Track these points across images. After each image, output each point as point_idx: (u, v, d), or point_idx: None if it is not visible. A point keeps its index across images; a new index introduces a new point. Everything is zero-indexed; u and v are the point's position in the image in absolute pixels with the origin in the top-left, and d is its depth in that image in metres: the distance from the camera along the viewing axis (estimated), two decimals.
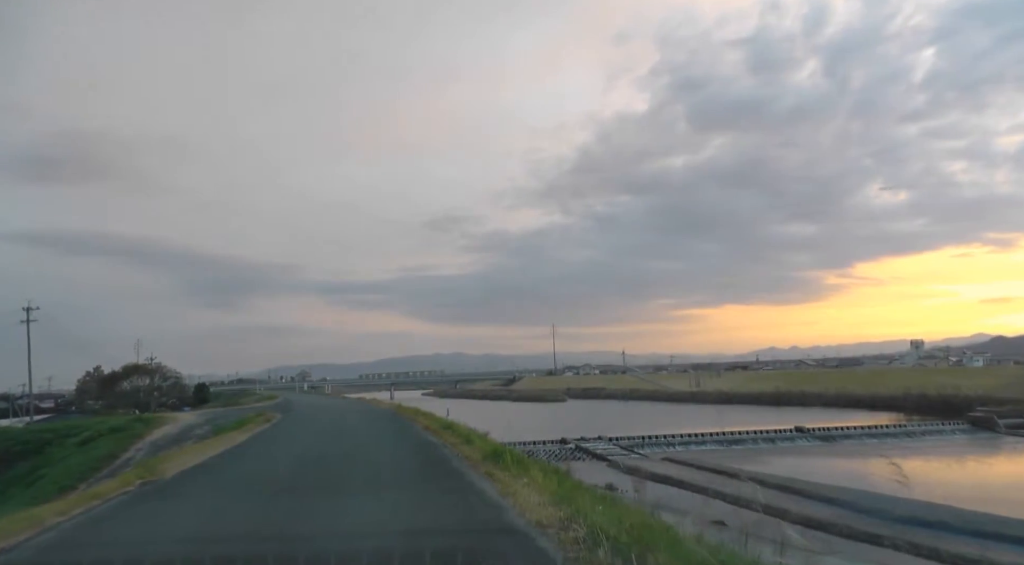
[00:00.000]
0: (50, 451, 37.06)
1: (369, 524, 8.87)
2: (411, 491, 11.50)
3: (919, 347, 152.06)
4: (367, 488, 11.95)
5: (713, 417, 71.79)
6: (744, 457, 43.34)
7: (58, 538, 8.75)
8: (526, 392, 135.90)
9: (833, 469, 38.01)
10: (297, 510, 10.01)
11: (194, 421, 39.38)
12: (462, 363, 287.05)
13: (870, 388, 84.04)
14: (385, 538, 7.76)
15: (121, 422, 39.92)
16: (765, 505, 25.59)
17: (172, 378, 77.19)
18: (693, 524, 17.53)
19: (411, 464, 15.74)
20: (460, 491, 10.93)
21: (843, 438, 50.01)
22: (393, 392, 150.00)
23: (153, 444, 31.91)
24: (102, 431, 37.25)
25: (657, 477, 35.47)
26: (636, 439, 49.51)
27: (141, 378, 71.87)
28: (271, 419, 32.10)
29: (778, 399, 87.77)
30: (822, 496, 26.49)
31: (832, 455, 44.56)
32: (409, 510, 9.65)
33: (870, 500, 25.78)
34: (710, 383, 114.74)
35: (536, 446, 47.74)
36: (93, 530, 9.37)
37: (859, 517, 22.93)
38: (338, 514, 9.64)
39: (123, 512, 10.73)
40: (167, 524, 9.46)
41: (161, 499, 11.95)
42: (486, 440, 20.04)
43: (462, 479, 12.27)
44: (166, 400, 75.07)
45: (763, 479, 31.52)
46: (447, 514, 9.26)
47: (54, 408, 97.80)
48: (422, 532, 8.01)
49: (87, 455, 32.77)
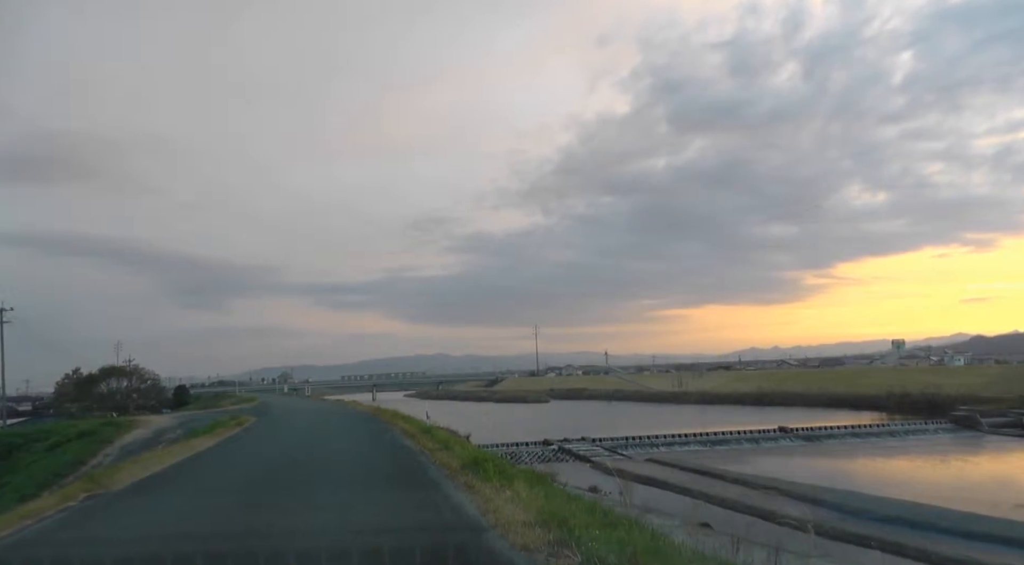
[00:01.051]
0: (17, 456, 35.96)
1: (331, 546, 7.98)
2: (380, 505, 10.69)
3: (900, 347, 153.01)
4: (334, 501, 11.18)
5: (696, 417, 71.64)
6: (728, 457, 43.08)
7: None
8: (508, 393, 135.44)
9: (818, 469, 37.78)
10: (254, 527, 9.27)
11: (168, 424, 38.18)
12: (444, 364, 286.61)
13: (852, 388, 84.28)
14: (344, 562, 7.04)
15: (92, 426, 38.57)
16: (752, 506, 25.43)
17: (149, 380, 76.07)
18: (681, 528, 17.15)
19: (384, 473, 14.96)
20: (434, 506, 10.07)
21: (827, 438, 49.80)
22: (375, 393, 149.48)
23: (123, 449, 30.71)
24: (71, 436, 36.18)
25: (641, 479, 35.03)
26: (619, 440, 49.13)
27: (118, 380, 70.80)
28: (244, 423, 31.07)
29: (760, 399, 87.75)
30: (808, 497, 26.07)
31: (816, 455, 44.38)
32: (375, 527, 8.91)
33: (856, 500, 25.57)
34: (692, 383, 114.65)
35: (519, 448, 47.39)
36: (15, 557, 8.33)
37: (846, 518, 22.62)
38: (299, 534, 8.81)
39: (52, 535, 9.61)
40: (100, 550, 8.39)
41: (102, 517, 10.83)
42: (466, 445, 19.33)
43: (438, 491, 11.41)
44: (146, 403, 74.10)
45: (748, 480, 31.41)
46: (417, 534, 8.35)
47: (31, 411, 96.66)
48: (386, 554, 7.20)
49: (53, 461, 31.72)
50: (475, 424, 58.61)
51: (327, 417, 39.50)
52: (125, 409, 67.73)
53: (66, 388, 73.43)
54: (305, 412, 47.04)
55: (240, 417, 33.39)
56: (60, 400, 74.69)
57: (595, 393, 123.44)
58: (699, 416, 73.48)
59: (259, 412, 44.19)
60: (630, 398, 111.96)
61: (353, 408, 50.71)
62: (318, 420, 37.00)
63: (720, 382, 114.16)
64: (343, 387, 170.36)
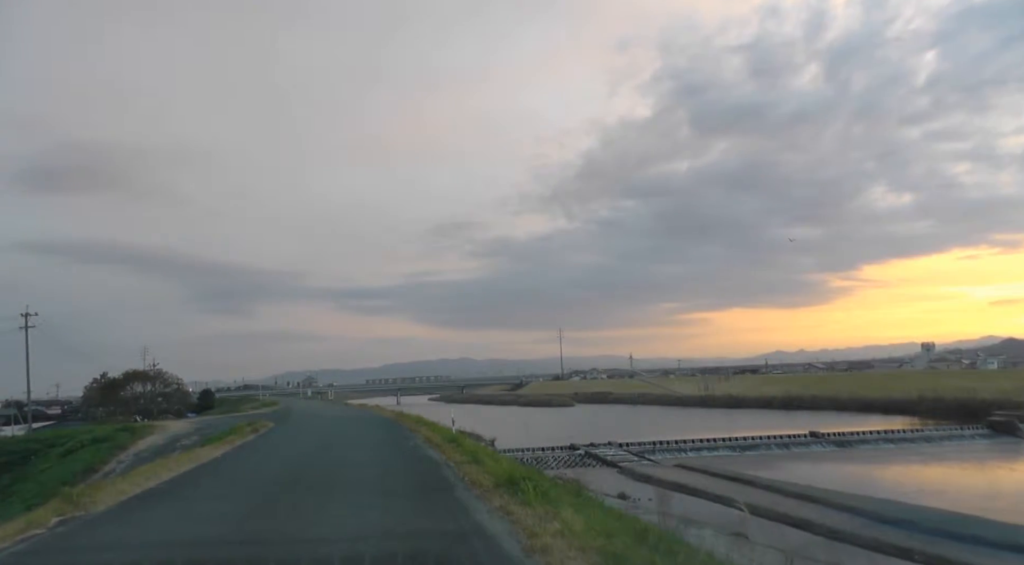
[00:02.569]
0: (33, 463, 35.57)
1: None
2: (397, 537, 8.91)
3: (930, 350, 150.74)
4: (343, 532, 9.45)
5: (723, 422, 70.71)
6: (758, 463, 42.23)
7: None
8: (533, 397, 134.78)
9: (851, 476, 36.92)
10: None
11: (184, 430, 37.61)
12: (468, 368, 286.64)
13: (883, 392, 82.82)
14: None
15: (108, 432, 38.12)
16: (786, 515, 24.62)
17: (173, 384, 76.10)
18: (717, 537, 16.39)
19: (404, 492, 12.74)
20: (463, 539, 8.37)
21: (859, 443, 48.76)
22: (399, 398, 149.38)
23: (136, 455, 30.22)
24: (85, 442, 35.69)
25: (670, 485, 34.35)
26: (647, 445, 48.36)
27: (142, 384, 70.86)
28: (259, 430, 30.07)
29: (789, 403, 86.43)
30: (844, 505, 25.31)
31: (849, 461, 43.42)
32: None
33: (895, 510, 24.69)
34: (719, 387, 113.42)
35: (545, 452, 46.83)
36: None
37: (885, 528, 21.76)
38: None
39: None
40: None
41: (70, 550, 9.10)
42: (498, 458, 17.29)
43: (467, 517, 9.72)
44: (170, 407, 74.18)
45: (781, 487, 30.58)
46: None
47: (60, 415, 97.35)
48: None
49: (64, 468, 31.17)
50: (500, 428, 58.36)
51: (347, 423, 38.50)
52: (150, 413, 67.84)
53: (93, 392, 73.68)
54: (325, 417, 45.94)
55: (256, 423, 32.31)
56: (88, 404, 74.90)
57: (620, 397, 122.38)
58: (727, 420, 72.47)
59: (278, 417, 43.70)
60: (656, 402, 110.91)
61: (375, 413, 49.57)
62: (337, 426, 35.87)
63: (747, 386, 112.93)
64: (367, 391, 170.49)
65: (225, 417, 51.07)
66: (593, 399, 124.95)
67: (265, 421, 35.06)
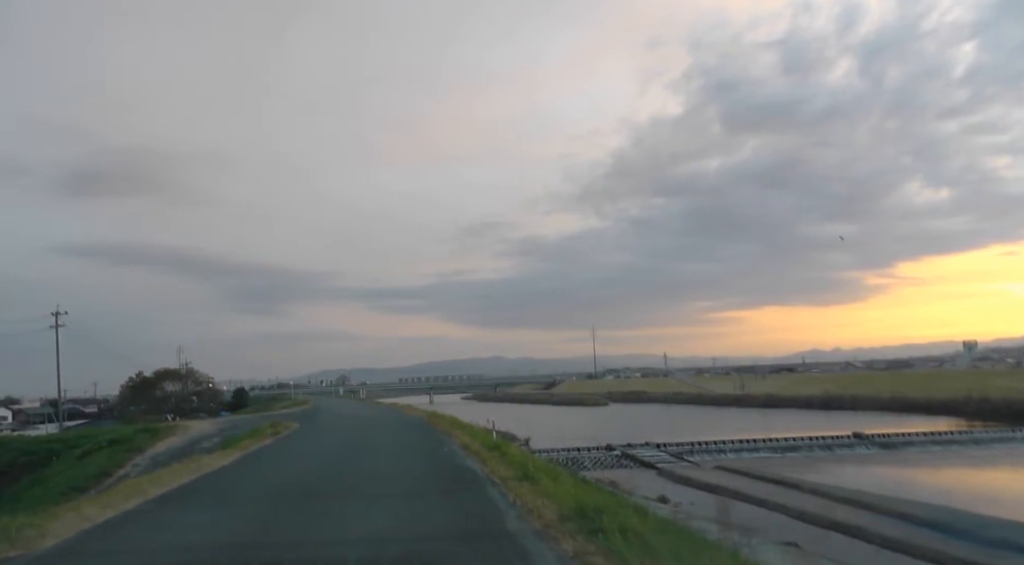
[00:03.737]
0: (54, 464, 34.89)
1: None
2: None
3: (972, 348, 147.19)
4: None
5: (761, 421, 69.37)
6: (800, 465, 40.94)
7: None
8: (566, 396, 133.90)
9: (899, 480, 35.51)
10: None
11: (206, 431, 36.52)
12: (500, 367, 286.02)
13: (925, 392, 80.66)
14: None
15: (126, 433, 37.01)
16: (836, 521, 23.47)
17: (204, 383, 76.17)
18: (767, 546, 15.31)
19: (438, 522, 9.69)
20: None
21: (905, 445, 47.21)
22: (432, 396, 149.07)
23: (153, 459, 29.01)
24: (102, 444, 34.72)
25: (711, 487, 33.32)
26: (685, 445, 47.25)
27: (173, 383, 70.94)
28: (281, 432, 29.09)
29: (828, 403, 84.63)
30: (895, 511, 24.04)
31: (895, 464, 41.94)
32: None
33: (950, 517, 23.35)
34: (755, 386, 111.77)
35: (580, 453, 45.95)
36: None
37: (944, 539, 20.53)
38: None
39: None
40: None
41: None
42: (557, 475, 13.58)
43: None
44: (203, 405, 74.28)
45: (828, 492, 29.35)
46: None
47: (96, 413, 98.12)
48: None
49: (77, 473, 30.18)
50: (534, 428, 57.51)
51: (375, 425, 36.67)
52: (183, 412, 67.91)
53: (128, 391, 73.93)
54: (353, 418, 44.94)
55: (280, 425, 31.52)
56: (122, 403, 75.19)
57: (654, 396, 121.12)
58: (764, 420, 71.10)
59: (305, 417, 43.10)
60: (690, 401, 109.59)
61: (406, 414, 47.91)
62: (363, 429, 34.05)
63: (784, 385, 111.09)
64: (400, 389, 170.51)
65: (254, 416, 50.60)
66: (627, 398, 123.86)
67: (289, 422, 34.27)
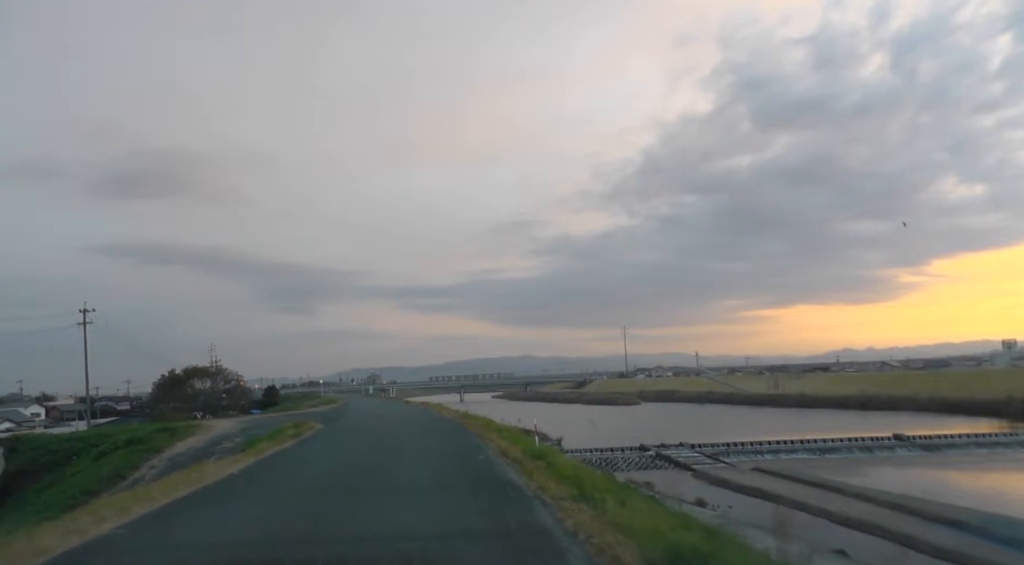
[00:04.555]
0: (72, 464, 33.81)
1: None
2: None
3: (1012, 348, 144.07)
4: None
5: (797, 422, 68.28)
6: (840, 467, 40.08)
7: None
8: (598, 395, 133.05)
9: (945, 484, 34.56)
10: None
11: (229, 430, 34.78)
12: (531, 366, 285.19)
13: (965, 392, 78.89)
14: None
15: (145, 432, 35.63)
16: (883, 528, 22.66)
17: (233, 381, 76.33)
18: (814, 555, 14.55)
19: (482, 559, 7.73)
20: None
21: (948, 447, 46.06)
22: (463, 395, 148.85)
23: (171, 460, 27.82)
24: (119, 444, 33.22)
25: (749, 490, 32.64)
26: (720, 446, 46.51)
27: (202, 381, 71.15)
28: (302, 434, 27.55)
29: (865, 403, 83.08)
30: (945, 518, 23.20)
31: (938, 466, 40.91)
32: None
33: (1005, 526, 22.44)
34: (789, 385, 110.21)
35: (614, 453, 45.46)
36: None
37: (1001, 549, 19.68)
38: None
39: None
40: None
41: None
42: (625, 498, 10.54)
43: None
44: (235, 402, 74.56)
45: (872, 496, 28.54)
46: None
47: (129, 410, 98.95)
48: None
49: (88, 476, 28.98)
50: (566, 427, 56.85)
51: (403, 427, 34.46)
52: (214, 409, 68.18)
53: (159, 389, 74.34)
54: (380, 418, 43.24)
55: (303, 425, 30.29)
56: (154, 401, 75.65)
57: (687, 395, 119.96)
58: (800, 421, 69.99)
59: (331, 417, 42.38)
60: (723, 401, 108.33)
61: (437, 413, 45.83)
62: (391, 430, 31.97)
63: (819, 384, 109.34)
64: (430, 388, 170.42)
65: (279, 416, 49.93)
66: (659, 397, 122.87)
67: (313, 422, 32.88)
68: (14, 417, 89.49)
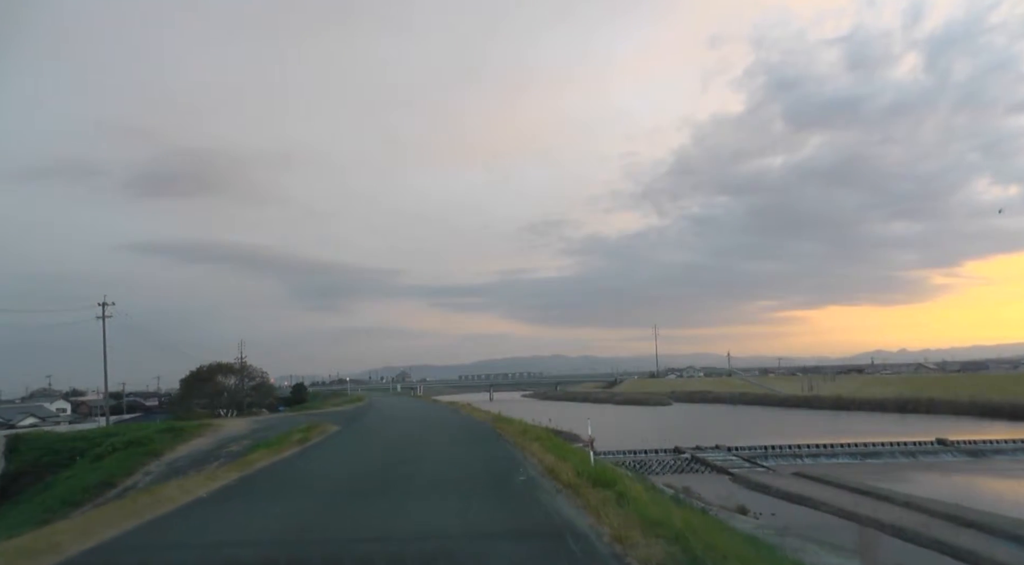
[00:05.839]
0: (74, 466, 31.52)
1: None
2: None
3: None
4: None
5: (834, 425, 66.72)
6: (883, 473, 38.69)
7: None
8: (629, 395, 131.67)
9: (999, 493, 33.11)
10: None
11: (239, 432, 32.85)
12: (561, 365, 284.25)
13: (1007, 395, 76.72)
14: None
15: (147, 433, 33.34)
16: (941, 542, 21.34)
17: (257, 377, 75.78)
18: None
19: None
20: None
21: (994, 453, 44.44)
22: (492, 394, 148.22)
23: (170, 465, 25.79)
24: (117, 445, 30.98)
25: (792, 497, 31.42)
26: (757, 449, 45.27)
27: (225, 377, 70.66)
28: (309, 439, 24.77)
29: (902, 406, 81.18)
30: (1009, 533, 21.85)
31: (986, 473, 39.41)
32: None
33: None
34: (824, 387, 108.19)
35: (648, 455, 44.44)
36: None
37: None
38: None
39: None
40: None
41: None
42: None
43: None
44: (262, 400, 74.16)
45: (923, 506, 27.17)
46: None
47: (156, 407, 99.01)
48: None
49: (77, 482, 26.53)
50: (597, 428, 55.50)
51: (428, 431, 30.99)
52: (240, 406, 67.81)
53: (185, 385, 74.07)
54: (404, 421, 40.15)
55: (315, 428, 27.90)
56: (180, 397, 75.28)
57: (719, 396, 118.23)
58: (838, 424, 68.30)
59: (351, 417, 40.92)
60: (756, 402, 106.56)
61: (466, 415, 42.60)
62: (414, 435, 28.60)
63: (855, 386, 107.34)
64: (459, 387, 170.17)
65: (301, 415, 48.47)
66: (691, 398, 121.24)
67: (328, 424, 30.96)
68: (38, 412, 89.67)
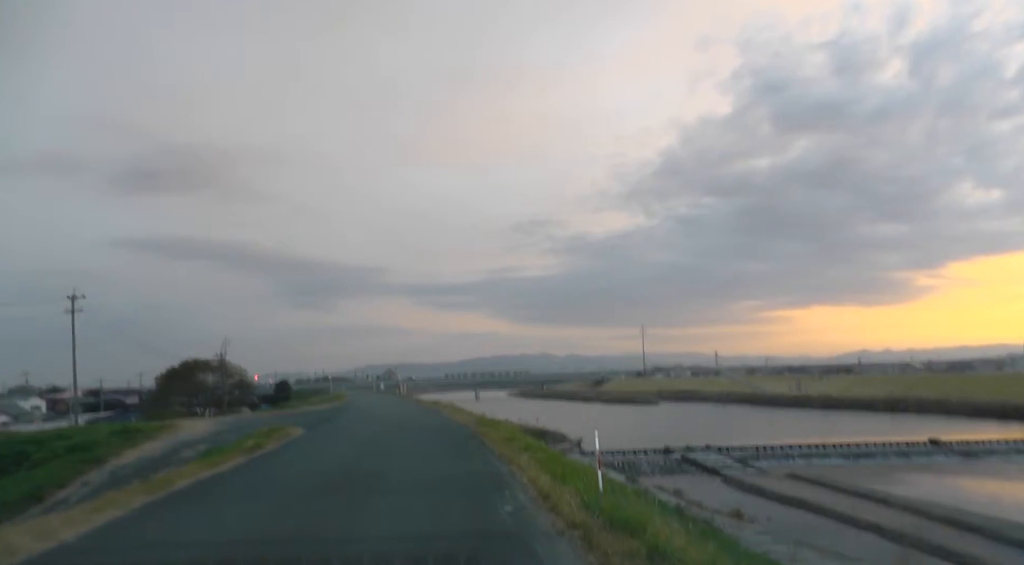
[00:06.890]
0: (14, 473, 28.16)
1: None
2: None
3: None
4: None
5: (824, 425, 66.25)
6: (876, 474, 38.06)
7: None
8: (616, 394, 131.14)
9: (993, 495, 32.47)
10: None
11: (199, 434, 31.13)
12: (548, 364, 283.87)
13: (996, 395, 76.53)
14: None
15: (96, 437, 31.05)
16: (943, 548, 20.61)
17: (237, 375, 74.65)
18: None
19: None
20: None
21: (987, 454, 43.88)
22: (478, 392, 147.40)
23: (113, 474, 23.31)
24: (58, 451, 28.60)
25: (787, 499, 30.64)
26: (749, 450, 44.57)
27: (205, 374, 69.57)
28: (262, 447, 23.38)
29: (892, 405, 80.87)
30: (1014, 539, 21.16)
31: (980, 475, 38.76)
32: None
33: None
34: (812, 386, 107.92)
35: (637, 455, 43.59)
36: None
37: None
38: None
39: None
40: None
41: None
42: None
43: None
44: (244, 397, 73.14)
45: (922, 509, 26.49)
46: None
47: (136, 405, 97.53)
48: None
49: (8, 491, 23.30)
50: (584, 427, 54.82)
51: (402, 436, 29.24)
52: (220, 404, 66.81)
53: (163, 382, 72.84)
54: (379, 421, 39.27)
55: (276, 432, 26.61)
56: (158, 395, 73.94)
57: (706, 395, 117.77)
58: (828, 424, 67.82)
59: (325, 418, 40.24)
60: (744, 401, 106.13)
61: (448, 417, 41.24)
62: (384, 443, 26.83)
63: (843, 386, 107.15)
64: (446, 385, 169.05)
65: (274, 415, 47.71)
66: (678, 397, 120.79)
67: (294, 427, 29.85)
68: (10, 410, 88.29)
